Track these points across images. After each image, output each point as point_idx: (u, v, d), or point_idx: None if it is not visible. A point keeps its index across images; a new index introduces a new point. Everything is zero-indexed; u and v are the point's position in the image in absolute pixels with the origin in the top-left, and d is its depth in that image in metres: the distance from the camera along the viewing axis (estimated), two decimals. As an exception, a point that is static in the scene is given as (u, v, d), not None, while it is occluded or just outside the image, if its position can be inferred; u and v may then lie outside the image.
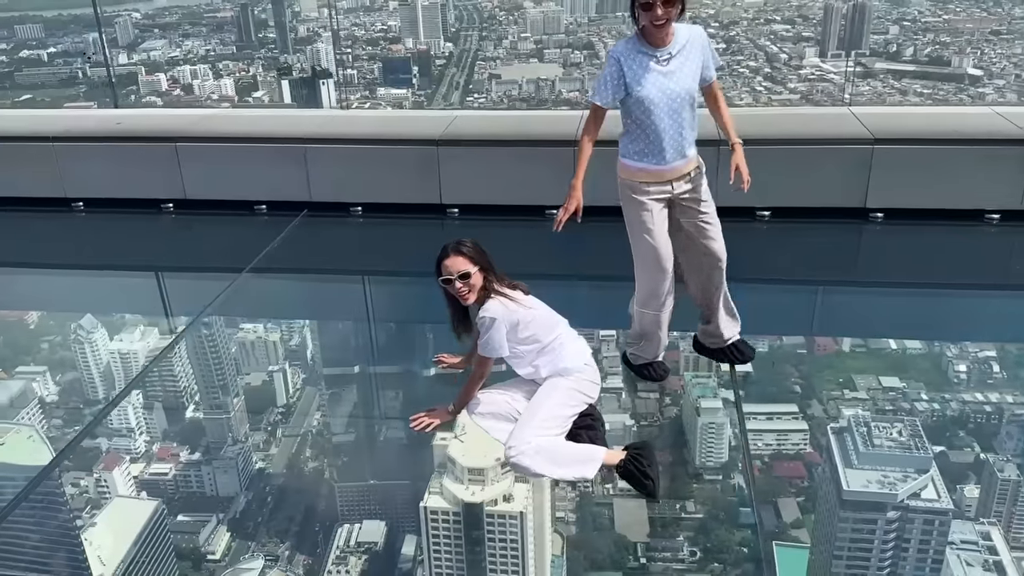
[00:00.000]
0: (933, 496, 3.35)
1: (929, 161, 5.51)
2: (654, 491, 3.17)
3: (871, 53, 9.07)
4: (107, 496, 3.74)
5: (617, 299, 5.32)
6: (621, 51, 3.47)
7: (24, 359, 4.92)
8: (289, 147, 6.13)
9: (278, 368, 4.71)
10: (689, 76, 3.45)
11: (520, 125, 6.25)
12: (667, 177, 3.58)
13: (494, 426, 3.41)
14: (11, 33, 9.91)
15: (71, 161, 6.45)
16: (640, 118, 3.50)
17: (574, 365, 3.42)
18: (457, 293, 3.35)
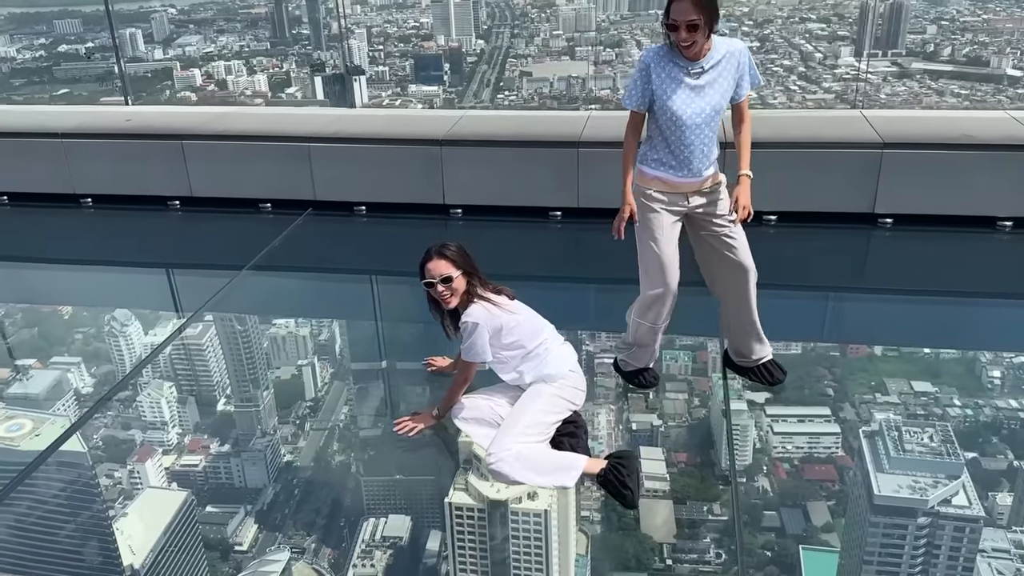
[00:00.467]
0: (964, 503, 3.30)
1: (940, 166, 5.38)
2: (632, 502, 3.16)
3: (908, 53, 8.95)
4: (139, 487, 3.80)
5: (621, 301, 5.32)
6: (652, 57, 3.42)
7: (59, 350, 5.01)
8: (294, 146, 6.16)
9: (307, 362, 4.75)
10: (719, 93, 3.39)
11: (524, 126, 6.23)
12: (682, 189, 3.53)
13: (477, 432, 3.43)
14: (50, 28, 10.09)
15: (80, 157, 6.54)
16: (662, 128, 3.46)
17: (558, 371, 3.42)
18: (439, 297, 3.38)
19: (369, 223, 6.18)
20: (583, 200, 5.77)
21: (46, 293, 5.96)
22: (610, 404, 4.19)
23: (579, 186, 5.74)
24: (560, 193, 5.80)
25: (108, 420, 4.25)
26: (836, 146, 5.54)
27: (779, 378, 3.98)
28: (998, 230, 5.39)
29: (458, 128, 6.14)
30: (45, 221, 6.70)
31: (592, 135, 5.79)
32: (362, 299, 5.65)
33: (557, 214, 5.84)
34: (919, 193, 5.45)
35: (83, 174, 6.57)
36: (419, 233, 6.01)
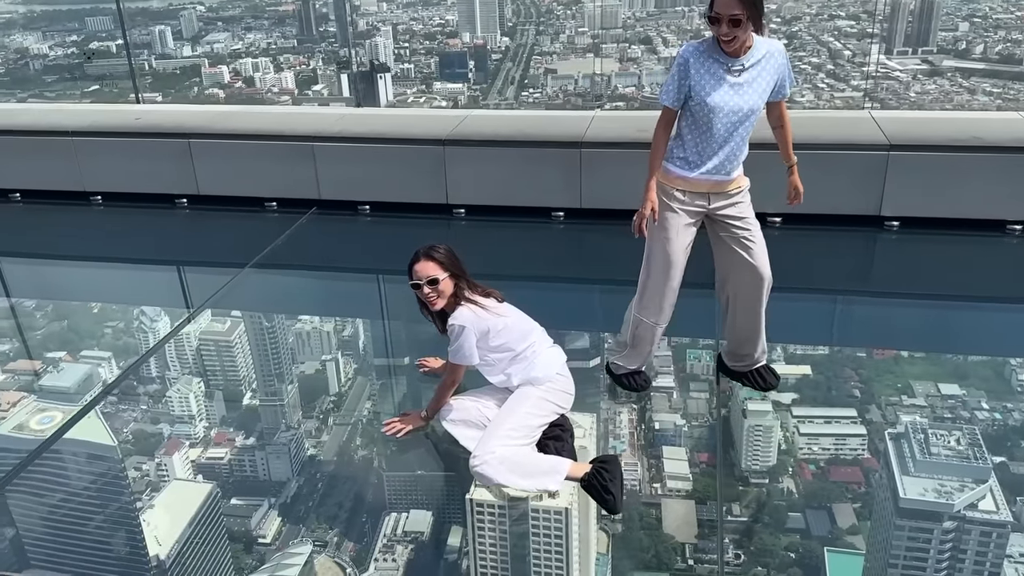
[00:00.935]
0: (991, 507, 3.26)
1: (947, 168, 5.27)
2: (614, 507, 3.13)
3: (939, 50, 8.83)
4: (166, 479, 3.86)
5: (623, 303, 5.31)
6: (691, 52, 3.34)
7: (89, 343, 5.09)
8: (298, 145, 6.19)
9: (331, 358, 4.79)
10: (758, 93, 3.32)
11: (527, 126, 6.20)
12: (705, 190, 3.47)
13: (464, 434, 3.44)
14: (82, 25, 10.23)
15: (90, 156, 6.62)
16: (695, 126, 3.39)
17: (546, 374, 3.41)
18: (425, 298, 3.38)
19: (373, 222, 6.20)
20: (586, 201, 5.75)
21: (60, 289, 6.06)
22: (632, 403, 4.18)
23: (582, 187, 5.73)
24: (563, 194, 5.79)
25: (138, 414, 4.31)
26: (842, 148, 5.44)
27: (772, 383, 3.93)
28: (1007, 234, 5.28)
29: (462, 128, 6.13)
30: (57, 218, 6.80)
31: (595, 136, 5.76)
32: (364, 297, 5.66)
33: (560, 215, 5.82)
34: (926, 196, 5.34)
35: (93, 172, 6.66)
36: (422, 233, 6.02)
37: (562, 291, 5.49)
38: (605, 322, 5.09)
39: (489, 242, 5.92)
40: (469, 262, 3.49)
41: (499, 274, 5.47)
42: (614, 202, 5.67)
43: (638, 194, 5.60)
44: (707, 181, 3.45)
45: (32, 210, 6.85)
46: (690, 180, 3.46)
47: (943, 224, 5.33)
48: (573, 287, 5.53)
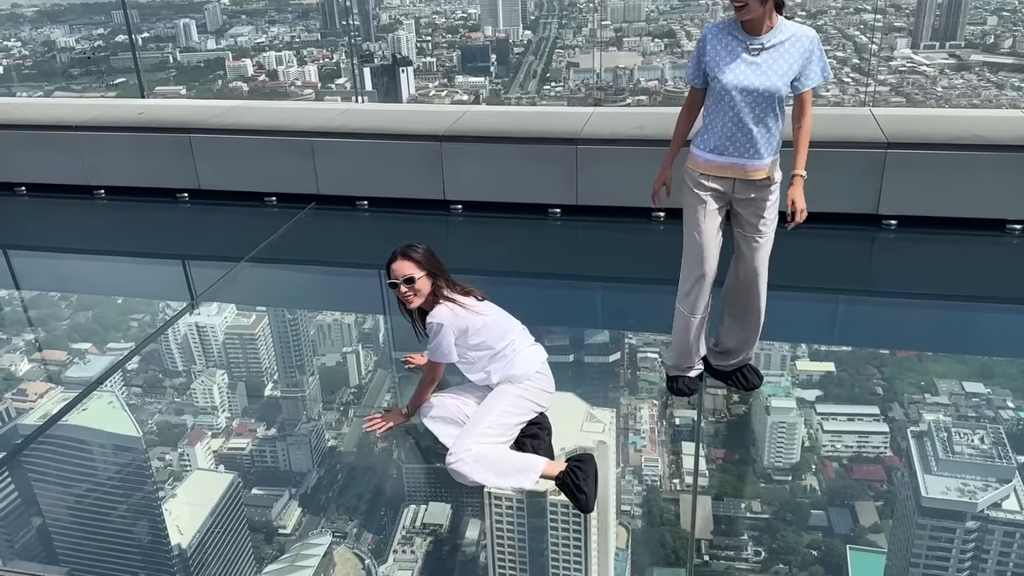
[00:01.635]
0: (1015, 507, 3.22)
1: (947, 166, 5.17)
2: (586, 506, 3.12)
3: (966, 44, 8.70)
4: (188, 469, 3.90)
5: (620, 299, 5.30)
6: (711, 29, 3.31)
7: (115, 335, 5.15)
8: (297, 140, 6.21)
9: (352, 350, 4.82)
10: (776, 74, 3.20)
11: (524, 122, 6.17)
12: (729, 174, 3.38)
13: (443, 431, 3.44)
14: (108, 18, 10.33)
15: (93, 150, 6.68)
16: (713, 106, 3.34)
17: (524, 372, 3.40)
18: (402, 297, 3.38)
19: (371, 218, 6.21)
20: (582, 198, 5.74)
21: (64, 281, 6.12)
22: (653, 399, 4.17)
23: (578, 183, 5.71)
24: (560, 190, 5.78)
25: (163, 406, 4.36)
26: (839, 145, 5.32)
27: (754, 383, 3.90)
28: (1007, 233, 5.18)
29: (459, 124, 6.12)
30: (61, 212, 6.87)
31: (592, 132, 5.73)
32: (361, 292, 5.68)
33: (556, 211, 5.81)
34: (925, 194, 5.25)
35: (97, 166, 6.73)
36: (420, 228, 6.03)
37: (559, 288, 5.49)
38: (603, 318, 5.11)
39: (486, 238, 5.93)
40: (466, 257, 3.51)
41: (496, 270, 5.51)
42: (610, 199, 5.69)
43: (634, 191, 5.61)
44: (729, 164, 3.36)
45: (37, 203, 6.93)
46: (712, 163, 3.39)
47: (942, 223, 5.25)
48: (570, 283, 5.53)
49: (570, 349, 4.67)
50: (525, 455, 3.30)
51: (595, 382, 4.51)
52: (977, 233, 5.26)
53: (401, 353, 4.43)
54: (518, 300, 3.62)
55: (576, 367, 4.53)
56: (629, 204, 5.64)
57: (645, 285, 5.33)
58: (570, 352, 4.65)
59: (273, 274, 5.83)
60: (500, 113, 6.84)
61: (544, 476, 3.20)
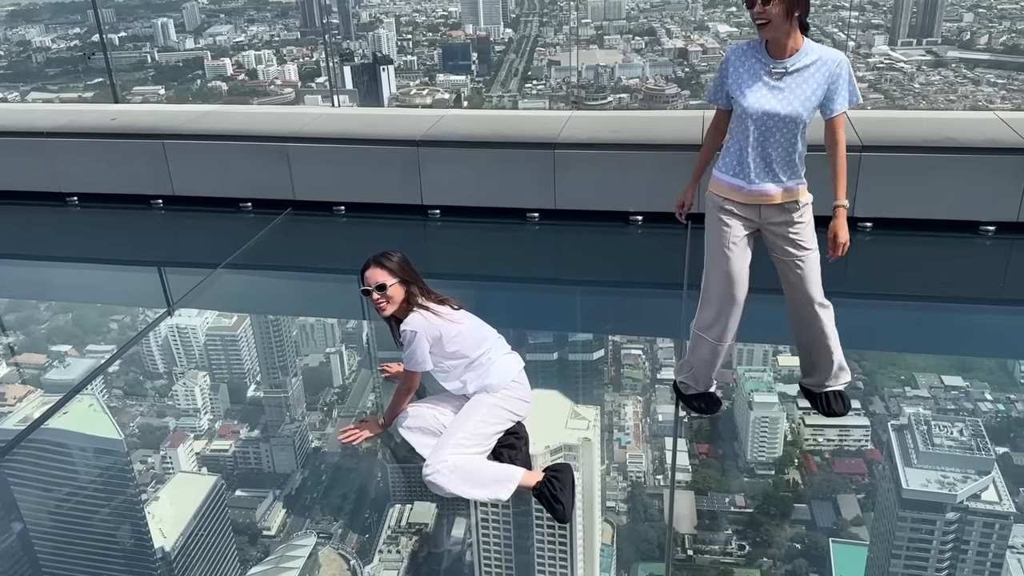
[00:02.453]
0: (994, 498, 3.26)
1: (920, 169, 5.19)
2: (563, 516, 3.11)
3: (943, 41, 8.79)
4: (171, 472, 3.87)
5: (600, 303, 5.33)
6: (735, 51, 3.22)
7: (94, 338, 5.10)
8: (272, 146, 6.16)
9: (335, 350, 4.80)
10: (799, 99, 3.08)
11: (501, 126, 6.16)
12: (753, 201, 3.25)
13: (420, 441, 3.41)
14: (84, 17, 10.24)
15: (65, 156, 6.59)
16: (736, 129, 3.24)
17: (500, 381, 3.39)
18: (374, 304, 3.36)
19: (348, 223, 6.17)
20: (560, 202, 5.74)
21: (37, 289, 6.05)
22: (637, 395, 4.19)
23: (556, 187, 5.72)
24: (537, 194, 5.78)
25: (144, 409, 4.33)
26: (813, 149, 5.36)
27: (837, 411, 3.64)
28: (981, 235, 5.23)
29: (436, 128, 6.11)
30: (33, 219, 6.76)
31: (570, 136, 5.74)
32: (339, 297, 5.65)
33: (535, 215, 5.82)
34: (899, 197, 5.27)
35: (69, 173, 6.63)
36: (397, 233, 5.99)
37: (538, 292, 5.51)
38: (582, 322, 5.13)
39: (464, 242, 5.92)
40: (444, 262, 3.47)
41: (474, 274, 5.50)
42: (588, 203, 5.71)
43: (612, 195, 5.67)
44: (753, 191, 3.24)
45: (7, 211, 6.83)
46: (736, 190, 3.27)
47: (916, 225, 5.28)
48: (549, 287, 5.55)
49: (553, 347, 4.68)
50: (502, 465, 3.27)
51: (579, 379, 4.52)
52: (951, 235, 5.30)
53: (385, 353, 4.42)
54: (497, 304, 3.61)
55: (560, 365, 4.55)
56: (607, 208, 5.67)
57: (624, 288, 5.36)
58: (554, 350, 4.66)
59: (250, 280, 5.80)
60: (478, 117, 6.81)
61: (521, 486, 3.19)
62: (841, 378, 3.62)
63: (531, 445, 3.46)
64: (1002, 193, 5.14)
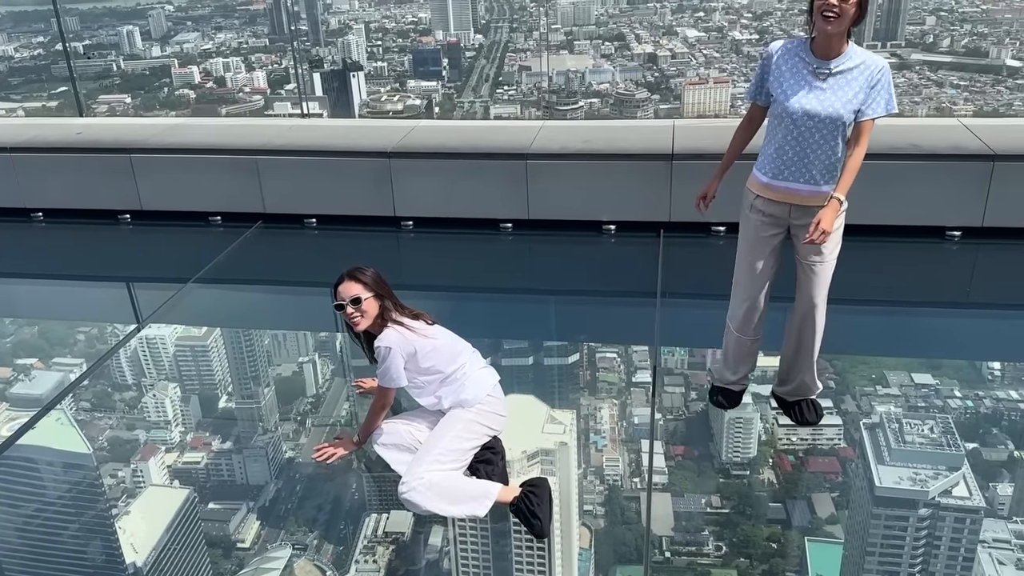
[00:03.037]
0: (965, 494, 3.31)
1: (886, 176, 5.26)
2: (541, 531, 3.11)
3: (907, 44, 8.93)
4: (142, 486, 3.81)
5: (572, 312, 5.34)
6: (778, 48, 3.21)
7: (60, 351, 5.02)
8: (242, 158, 6.10)
9: (308, 359, 4.76)
10: (841, 101, 3.07)
11: (473, 137, 6.15)
12: (784, 199, 3.24)
13: (395, 458, 3.37)
14: (48, 26, 10.08)
15: (30, 172, 6.49)
16: (774, 127, 3.22)
17: (476, 396, 3.36)
18: (348, 318, 3.32)
19: (319, 236, 6.12)
20: (533, 212, 5.76)
21: (2, 305, 5.96)
22: (612, 399, 4.20)
23: (529, 198, 5.74)
24: (510, 205, 5.79)
25: (113, 422, 4.26)
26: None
27: (809, 419, 3.66)
28: (947, 240, 5.32)
29: (408, 140, 6.09)
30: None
31: (542, 147, 5.75)
32: (312, 311, 5.61)
33: (508, 226, 5.82)
34: (867, 203, 5.31)
35: (33, 188, 6.51)
36: (369, 245, 5.98)
37: (512, 302, 5.51)
38: (557, 331, 5.14)
39: (438, 254, 5.89)
40: (418, 274, 3.43)
41: (448, 285, 5.49)
42: (561, 213, 5.73)
43: (585, 204, 5.68)
44: (785, 190, 3.23)
45: None
46: (769, 187, 3.26)
47: (884, 231, 5.35)
48: (523, 297, 5.56)
49: (529, 352, 4.67)
50: (479, 482, 3.25)
51: (555, 384, 4.52)
52: (917, 240, 5.38)
53: (359, 361, 4.39)
54: (472, 315, 3.59)
55: (535, 370, 4.54)
56: (580, 217, 5.69)
57: (598, 297, 5.38)
58: (529, 355, 4.66)
59: (222, 294, 5.74)
60: (449, 128, 6.79)
61: (498, 502, 3.17)
62: (813, 388, 3.66)
63: (508, 451, 3.45)
64: (967, 199, 5.22)
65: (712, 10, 9.95)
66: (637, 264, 5.45)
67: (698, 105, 9.20)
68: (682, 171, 5.35)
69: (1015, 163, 5.12)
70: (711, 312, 5.10)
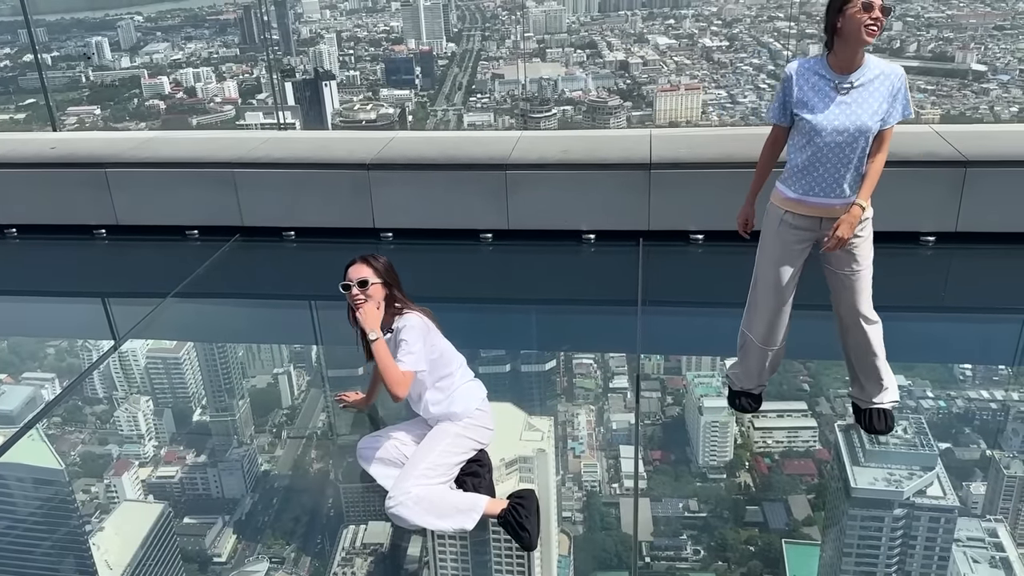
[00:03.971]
0: (939, 493, 3.35)
1: None
2: (530, 543, 3.11)
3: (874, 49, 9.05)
4: (116, 501, 3.76)
5: (553, 322, 5.36)
6: (797, 68, 3.26)
7: (31, 365, 4.94)
8: (218, 172, 6.05)
9: (283, 371, 4.72)
10: (867, 113, 3.14)
11: (452, 148, 6.16)
12: (816, 213, 3.30)
13: (382, 472, 3.35)
14: (15, 37, 9.94)
15: (3, 187, 6.38)
16: (801, 145, 3.27)
17: (464, 409, 3.36)
18: (352, 300, 3.27)
19: (298, 248, 6.09)
20: (513, 222, 5.77)
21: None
22: (590, 404, 4.20)
23: (508, 208, 5.75)
24: (490, 215, 5.80)
25: (85, 436, 4.20)
26: (755, 166, 5.47)
27: (878, 428, 3.60)
28: (921, 245, 5.40)
29: (386, 151, 6.07)
30: None
31: (521, 157, 5.77)
32: (292, 324, 5.58)
33: (488, 236, 5.83)
34: None
35: (6, 204, 6.43)
36: (349, 258, 5.90)
37: (493, 311, 5.52)
38: (539, 340, 5.14)
39: (418, 265, 5.87)
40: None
41: (429, 296, 5.45)
42: (541, 222, 5.75)
43: (564, 214, 5.71)
44: (816, 204, 3.28)
45: None
46: (798, 203, 3.31)
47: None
48: (504, 307, 5.57)
49: (506, 359, 4.67)
50: (467, 495, 3.23)
51: (532, 391, 4.52)
52: (893, 245, 5.44)
53: (336, 371, 4.38)
54: (454, 325, 3.56)
55: (512, 377, 4.54)
56: (560, 227, 5.71)
57: (579, 306, 5.40)
58: (506, 362, 4.66)
59: (200, 309, 5.68)
60: (427, 139, 6.77)
61: (486, 515, 3.15)
62: (887, 397, 3.62)
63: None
64: (940, 204, 5.31)
65: (682, 17, 10.03)
66: (617, 272, 5.48)
67: (670, 112, 9.27)
68: (660, 180, 5.38)
69: (986, 169, 5.23)
70: (692, 320, 5.16)
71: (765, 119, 3.45)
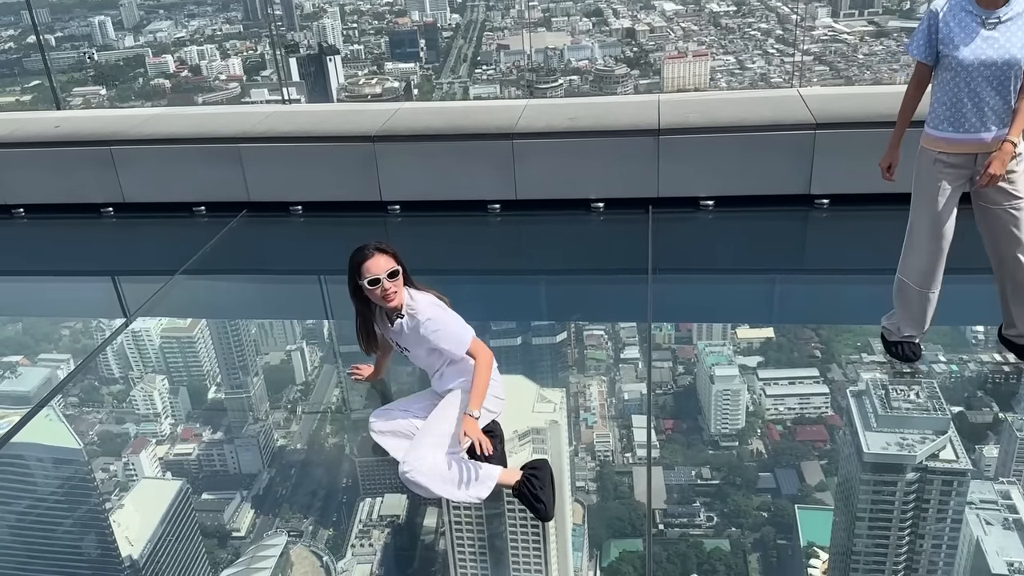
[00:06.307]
0: (952, 456, 3.35)
1: (873, 144, 5.24)
2: (545, 514, 3.10)
3: (884, 11, 8.93)
4: (135, 479, 3.81)
5: (563, 292, 5.35)
6: (942, 4, 3.28)
7: (46, 347, 4.99)
8: (224, 147, 6.02)
9: (296, 347, 4.75)
10: (1016, 46, 3.15)
11: (458, 118, 6.11)
12: (968, 150, 3.33)
13: (393, 445, 3.35)
14: (18, 19, 9.92)
15: (9, 167, 6.38)
16: (949, 82, 3.28)
17: None
18: (383, 294, 3.20)
19: (306, 223, 6.07)
20: (521, 192, 5.74)
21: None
22: (601, 376, 4.21)
23: (516, 177, 5.72)
24: (498, 185, 5.76)
25: (103, 416, 4.25)
26: (769, 128, 5.38)
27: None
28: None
29: (392, 123, 6.03)
30: None
31: (527, 126, 5.72)
32: (302, 299, 5.60)
33: (496, 207, 5.80)
34: (854, 173, 5.33)
35: (13, 184, 6.42)
36: (357, 231, 5.91)
37: (503, 283, 5.51)
38: (549, 311, 5.14)
39: (426, 237, 5.86)
40: (407, 258, 3.32)
41: (438, 268, 5.47)
42: (549, 192, 5.72)
43: (572, 182, 5.68)
44: (970, 141, 3.32)
45: None
46: (951, 141, 3.34)
47: (870, 200, 5.36)
48: (513, 278, 5.56)
49: (517, 332, 4.68)
50: (481, 464, 3.20)
51: (544, 363, 4.54)
52: (903, 208, 5.40)
53: (347, 347, 4.39)
54: (463, 297, 3.56)
55: (524, 349, 4.55)
56: (568, 196, 5.68)
57: (589, 275, 5.38)
58: (517, 335, 4.67)
59: (210, 286, 5.70)
60: (433, 110, 6.73)
61: (500, 484, 3.15)
62: None
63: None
64: None
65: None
66: (627, 241, 5.46)
67: (678, 79, 9.18)
68: (669, 146, 5.34)
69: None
70: (703, 287, 5.14)
71: (908, 54, 3.43)
